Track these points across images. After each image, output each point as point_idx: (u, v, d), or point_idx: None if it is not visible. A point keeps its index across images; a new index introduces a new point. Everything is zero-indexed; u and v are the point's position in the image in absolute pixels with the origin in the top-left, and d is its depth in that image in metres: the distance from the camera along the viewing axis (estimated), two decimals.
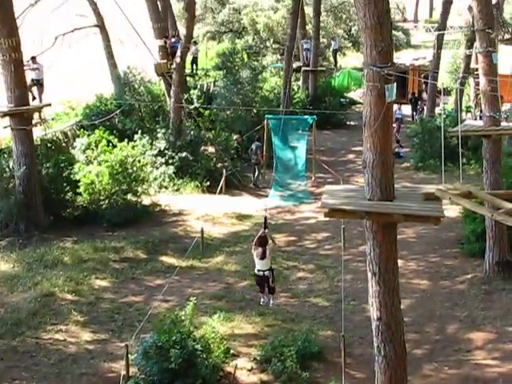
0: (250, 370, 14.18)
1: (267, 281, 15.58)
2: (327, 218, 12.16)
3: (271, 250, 15.53)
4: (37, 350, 14.93)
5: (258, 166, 29.03)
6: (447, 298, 17.67)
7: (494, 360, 14.59)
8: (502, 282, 18.02)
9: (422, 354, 14.85)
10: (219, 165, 28.24)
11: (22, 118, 22.46)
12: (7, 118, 22.73)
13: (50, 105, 25.72)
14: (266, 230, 15.78)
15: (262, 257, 15.14)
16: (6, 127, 23.22)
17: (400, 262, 11.50)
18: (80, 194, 23.07)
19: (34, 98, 24.22)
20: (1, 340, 15.16)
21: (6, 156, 24.14)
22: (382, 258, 10.83)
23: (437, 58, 37.43)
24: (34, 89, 24.78)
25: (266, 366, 14.10)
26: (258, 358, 14.38)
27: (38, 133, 25.74)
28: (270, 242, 15.48)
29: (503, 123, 18.29)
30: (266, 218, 16.58)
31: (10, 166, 22.94)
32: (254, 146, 29.15)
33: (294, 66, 40.27)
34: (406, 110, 39.73)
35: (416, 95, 41.40)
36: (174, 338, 13.34)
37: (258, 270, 15.39)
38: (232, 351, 14.61)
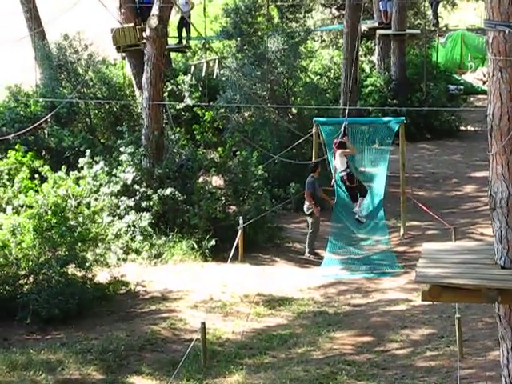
0: None
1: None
2: (429, 302, 12.16)
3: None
4: None
5: (312, 218, 28.71)
6: None
7: None
8: None
9: None
10: (232, 209, 28.41)
11: None
12: None
13: None
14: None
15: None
16: None
17: None
18: None
19: None
20: None
21: None
22: None
23: None
24: None
25: None
26: None
27: None
28: None
29: None
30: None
31: None
32: (310, 181, 28.69)
33: (364, 27, 40.68)
34: None
35: None
36: None
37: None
38: None
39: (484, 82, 39.77)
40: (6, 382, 19.73)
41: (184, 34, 39.56)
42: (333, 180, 29.34)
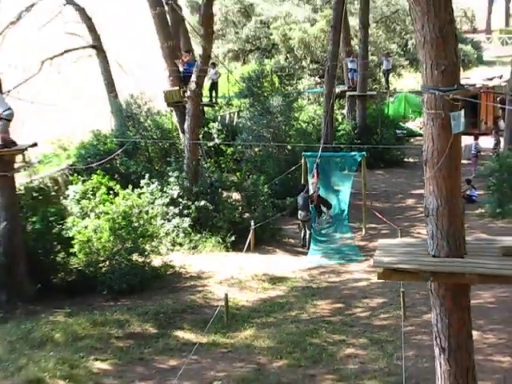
0: None
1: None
2: (382, 280, 12.13)
3: None
4: None
5: (307, 223, 28.70)
6: None
7: None
8: None
9: None
10: (246, 215, 28.37)
11: (1, 162, 22.60)
12: None
13: (36, 145, 25.46)
14: None
15: None
16: None
17: (475, 335, 11.45)
18: (74, 254, 23.17)
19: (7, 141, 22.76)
20: None
21: None
22: (452, 330, 10.77)
23: None
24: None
25: None
26: None
27: (21, 179, 25.98)
28: None
29: None
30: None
31: None
32: (300, 200, 28.76)
33: (337, 90, 40.68)
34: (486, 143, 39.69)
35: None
36: None
37: None
38: None
39: (420, 128, 39.71)
40: (90, 334, 19.73)
41: (213, 94, 39.61)
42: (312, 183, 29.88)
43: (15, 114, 22.46)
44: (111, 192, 24.94)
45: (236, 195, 30.02)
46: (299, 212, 28.84)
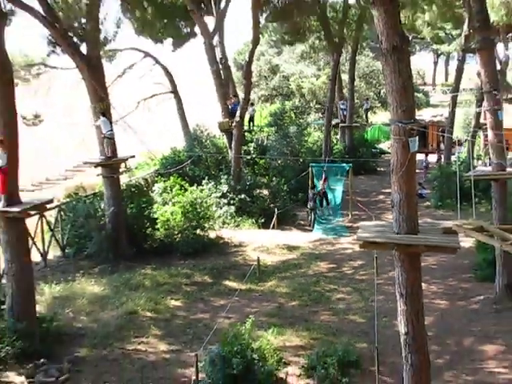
0: (298, 376, 14.05)
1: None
2: (362, 249, 12.10)
3: None
4: (123, 358, 15.03)
5: (313, 211, 28.51)
6: (463, 315, 17.37)
7: (504, 368, 14.31)
8: (511, 301, 17.75)
9: (443, 362, 14.59)
10: (272, 205, 28.26)
11: (111, 168, 22.81)
12: (99, 168, 23.10)
13: (133, 156, 25.74)
14: None
15: None
16: (98, 175, 23.49)
17: (423, 285, 11.35)
18: (158, 229, 23.23)
19: (112, 154, 22.67)
20: (94, 350, 15.35)
21: (98, 199, 24.63)
22: (408, 282, 10.72)
23: (452, 115, 37.27)
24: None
25: (312, 372, 13.96)
26: (305, 366, 14.26)
27: (123, 179, 26.18)
28: None
29: (508, 169, 18.21)
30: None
31: (102, 207, 23.37)
32: (310, 194, 28.78)
33: (333, 122, 40.49)
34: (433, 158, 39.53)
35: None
36: (235, 348, 13.33)
37: None
38: (283, 360, 14.50)
39: (388, 148, 39.44)
40: (168, 282, 19.84)
41: (251, 124, 39.44)
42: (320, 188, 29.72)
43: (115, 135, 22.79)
44: (182, 188, 25.03)
45: (265, 191, 29.89)
46: (308, 203, 28.78)
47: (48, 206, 17.79)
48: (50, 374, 14.20)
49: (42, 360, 14.56)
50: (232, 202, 27.47)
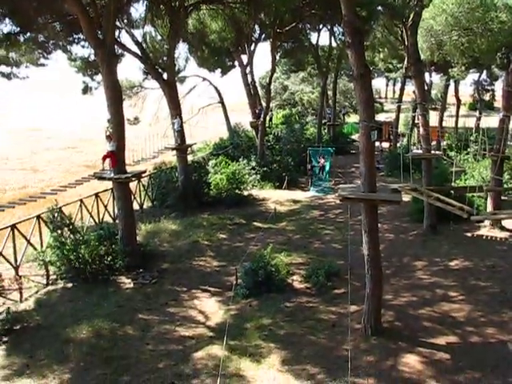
0: (300, 282, 14.20)
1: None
2: (341, 202, 12.07)
3: None
4: (190, 269, 15.28)
5: (311, 177, 28.29)
6: (403, 243, 17.38)
7: (428, 276, 14.51)
8: (432, 235, 17.87)
9: (390, 273, 14.65)
10: (283, 174, 28.01)
11: (181, 151, 22.76)
12: (175, 151, 23.08)
13: (195, 143, 25.85)
14: None
15: None
16: (174, 155, 23.54)
17: (379, 225, 11.37)
18: (211, 189, 23.11)
19: (182, 141, 22.46)
20: (173, 264, 15.62)
21: (174, 170, 24.68)
22: (369, 222, 10.73)
23: (397, 117, 37.18)
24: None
25: (309, 279, 14.12)
26: (304, 275, 14.39)
27: (190, 158, 26.17)
28: None
29: (432, 152, 18.84)
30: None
31: (176, 176, 23.34)
32: (309, 166, 28.65)
33: (323, 122, 39.95)
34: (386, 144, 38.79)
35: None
36: (260, 264, 13.53)
37: None
38: (290, 272, 14.65)
39: (358, 138, 38.87)
40: (217, 223, 19.73)
41: (270, 123, 38.50)
42: (320, 164, 29.23)
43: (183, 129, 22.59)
44: (227, 164, 24.90)
45: (279, 165, 29.58)
46: (308, 172, 28.61)
47: (143, 175, 18.13)
48: (145, 278, 14.57)
49: (140, 270, 14.92)
50: (258, 172, 27.22)
